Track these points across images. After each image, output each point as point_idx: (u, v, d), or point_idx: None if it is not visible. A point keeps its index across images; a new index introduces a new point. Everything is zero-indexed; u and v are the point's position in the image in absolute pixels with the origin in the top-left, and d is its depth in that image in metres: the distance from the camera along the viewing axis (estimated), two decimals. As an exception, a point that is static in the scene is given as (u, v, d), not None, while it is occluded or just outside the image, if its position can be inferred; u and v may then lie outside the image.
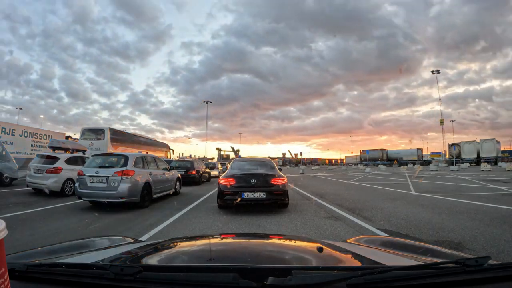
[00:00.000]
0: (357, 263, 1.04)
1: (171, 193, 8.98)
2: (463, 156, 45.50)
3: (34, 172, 8.93)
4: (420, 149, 63.73)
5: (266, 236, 2.03)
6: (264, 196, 5.89)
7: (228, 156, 76.66)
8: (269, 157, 11.71)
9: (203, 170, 15.89)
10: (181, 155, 61.03)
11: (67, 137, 21.28)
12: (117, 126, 19.96)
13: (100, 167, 6.77)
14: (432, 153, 65.21)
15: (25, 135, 16.08)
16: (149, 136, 26.64)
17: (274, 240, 1.49)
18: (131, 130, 23.39)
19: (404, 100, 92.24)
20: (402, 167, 38.98)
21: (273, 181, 6.05)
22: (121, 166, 6.62)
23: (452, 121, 59.75)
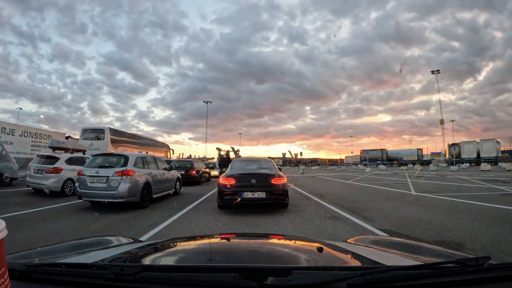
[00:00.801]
0: (357, 263, 1.04)
1: (171, 193, 8.98)
2: (463, 156, 45.45)
3: (34, 172, 8.93)
4: (420, 149, 63.70)
5: (266, 236, 2.03)
6: (264, 196, 5.88)
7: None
8: (269, 157, 11.71)
9: (203, 170, 15.90)
10: (181, 156, 61.08)
11: (67, 137, 21.27)
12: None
13: (100, 167, 6.78)
14: (432, 153, 65.20)
15: (25, 135, 16.06)
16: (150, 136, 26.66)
17: (274, 240, 1.49)
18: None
19: (350, 112, 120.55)
20: (402, 167, 38.94)
21: (273, 181, 6.04)
22: (121, 166, 6.62)
23: (452, 121, 59.89)
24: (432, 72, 46.65)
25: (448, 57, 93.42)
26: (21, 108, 59.40)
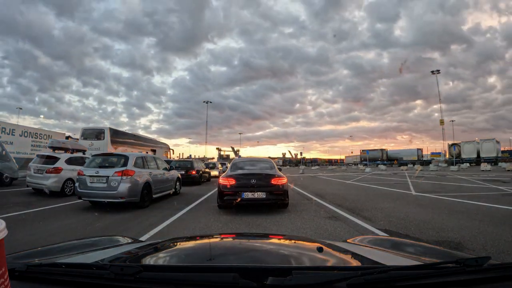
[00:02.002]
0: (357, 263, 1.04)
1: (171, 193, 8.98)
2: (463, 156, 45.49)
3: (34, 172, 8.93)
4: (420, 149, 63.91)
5: (266, 236, 2.03)
6: (264, 196, 5.88)
7: (228, 156, 77.28)
8: (269, 157, 11.70)
9: (203, 170, 15.89)
10: (181, 156, 61.16)
11: (67, 137, 21.28)
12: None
13: (100, 167, 6.78)
14: (432, 153, 65.28)
15: (25, 135, 16.08)
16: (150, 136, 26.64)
17: (274, 240, 1.49)
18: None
19: (301, 123, 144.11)
20: (402, 167, 38.98)
21: (273, 181, 6.04)
22: (121, 166, 6.62)
23: (452, 121, 59.96)
24: (432, 72, 46.80)
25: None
26: (21, 108, 62.00)
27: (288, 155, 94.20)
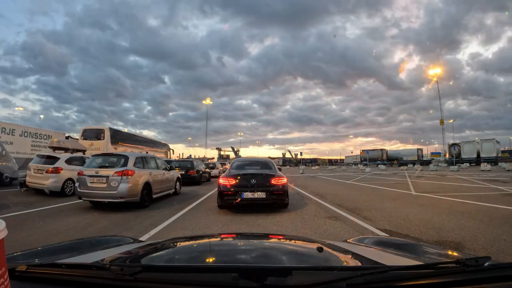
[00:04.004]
0: (357, 263, 1.04)
1: (171, 193, 8.99)
2: (463, 156, 45.42)
3: (34, 172, 8.93)
4: (420, 149, 63.85)
5: (266, 236, 2.03)
6: (264, 196, 5.88)
7: (228, 156, 77.47)
8: (269, 157, 11.70)
9: (203, 170, 15.89)
10: (181, 156, 61.22)
11: (67, 137, 21.28)
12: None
13: (100, 167, 6.78)
14: (432, 153, 65.24)
15: (25, 135, 16.06)
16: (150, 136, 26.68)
17: (274, 240, 1.49)
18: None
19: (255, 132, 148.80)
20: (402, 167, 38.95)
21: (273, 181, 6.04)
22: (121, 166, 6.62)
23: (453, 120, 59.97)
24: (433, 73, 46.82)
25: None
26: (21, 109, 63.83)
27: (288, 155, 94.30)
